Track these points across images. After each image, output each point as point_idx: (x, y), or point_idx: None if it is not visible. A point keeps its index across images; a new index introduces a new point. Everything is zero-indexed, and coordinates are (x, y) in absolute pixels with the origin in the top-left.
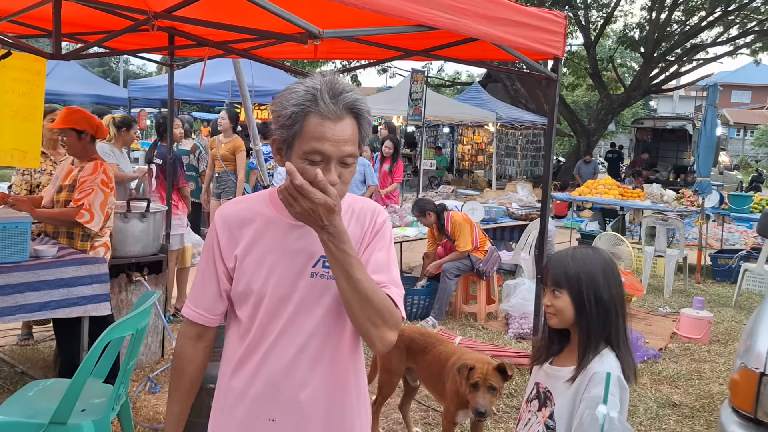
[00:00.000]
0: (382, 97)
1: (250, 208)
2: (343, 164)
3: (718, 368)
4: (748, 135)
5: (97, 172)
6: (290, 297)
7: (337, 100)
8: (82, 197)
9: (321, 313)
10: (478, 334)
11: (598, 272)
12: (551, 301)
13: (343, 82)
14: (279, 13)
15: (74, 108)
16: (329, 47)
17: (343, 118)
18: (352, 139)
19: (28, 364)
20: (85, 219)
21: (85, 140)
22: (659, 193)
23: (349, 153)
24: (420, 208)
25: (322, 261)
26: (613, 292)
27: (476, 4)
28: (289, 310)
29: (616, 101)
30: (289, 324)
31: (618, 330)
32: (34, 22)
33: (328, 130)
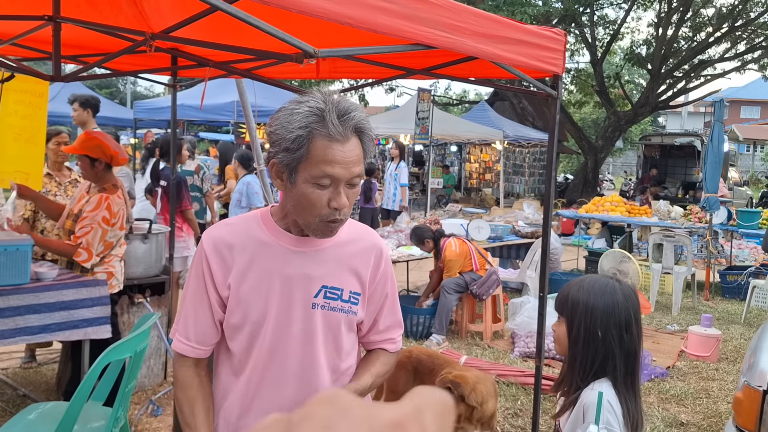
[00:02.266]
0: (390, 116)
1: (241, 231)
2: (351, 185)
3: (726, 386)
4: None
5: (99, 209)
6: (290, 329)
7: (345, 120)
8: (81, 235)
9: (325, 346)
10: (483, 353)
11: (597, 308)
12: (555, 326)
13: (348, 100)
14: (273, 33)
15: (93, 133)
16: (331, 67)
17: (350, 139)
18: (359, 160)
19: (30, 386)
20: (82, 258)
21: (98, 168)
22: (666, 210)
23: (358, 173)
24: (418, 237)
25: (323, 291)
26: (612, 333)
27: (474, 22)
28: (292, 343)
29: (624, 118)
30: (292, 358)
31: (616, 373)
32: (36, 44)
33: (338, 153)
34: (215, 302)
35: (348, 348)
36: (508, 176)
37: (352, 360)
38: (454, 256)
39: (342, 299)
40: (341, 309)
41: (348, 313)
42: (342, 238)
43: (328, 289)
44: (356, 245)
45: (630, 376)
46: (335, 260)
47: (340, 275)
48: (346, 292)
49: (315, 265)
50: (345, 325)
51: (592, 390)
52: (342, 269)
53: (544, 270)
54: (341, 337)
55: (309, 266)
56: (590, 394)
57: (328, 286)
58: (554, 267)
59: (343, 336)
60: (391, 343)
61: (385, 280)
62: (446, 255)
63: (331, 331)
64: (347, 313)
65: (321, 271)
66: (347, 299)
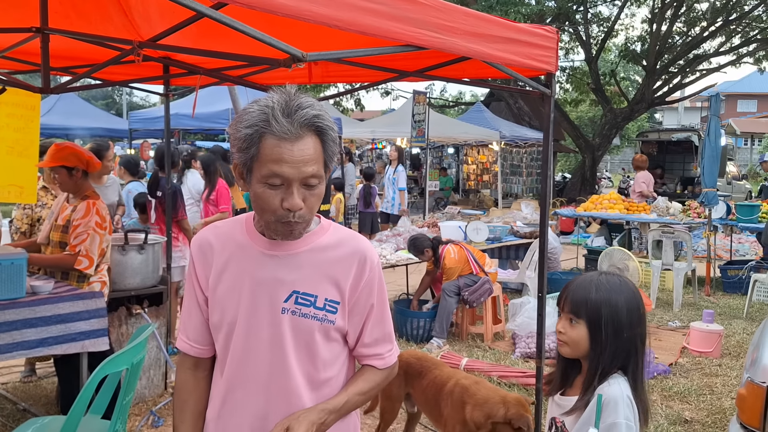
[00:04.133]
0: (386, 120)
1: (224, 234)
2: (307, 186)
3: (730, 382)
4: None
5: (90, 215)
6: (261, 332)
7: (293, 118)
8: (78, 243)
9: (297, 354)
10: (484, 355)
11: (621, 307)
12: (566, 329)
13: (302, 98)
14: (260, 38)
15: (63, 144)
16: (323, 71)
17: (302, 137)
18: (314, 159)
19: (30, 401)
20: (84, 265)
21: (77, 176)
22: (665, 206)
23: (312, 174)
24: (416, 248)
25: (294, 297)
26: (636, 332)
27: (465, 22)
28: (261, 347)
29: (620, 115)
30: (262, 362)
31: (636, 370)
32: (26, 57)
33: (286, 152)
34: (201, 302)
35: (328, 358)
36: (505, 177)
37: (334, 371)
38: (453, 263)
39: (315, 306)
40: (314, 316)
41: (323, 321)
42: (322, 243)
43: (299, 295)
44: (336, 251)
45: (641, 371)
46: (311, 266)
47: (316, 281)
48: (321, 299)
49: (287, 269)
50: (320, 334)
51: (610, 386)
52: (318, 275)
53: (542, 270)
54: (316, 345)
55: (281, 270)
56: (607, 389)
57: (299, 292)
58: (553, 266)
59: (318, 345)
60: (379, 359)
61: (369, 290)
62: (446, 263)
63: (302, 337)
64: (322, 321)
65: (293, 276)
66: (321, 306)
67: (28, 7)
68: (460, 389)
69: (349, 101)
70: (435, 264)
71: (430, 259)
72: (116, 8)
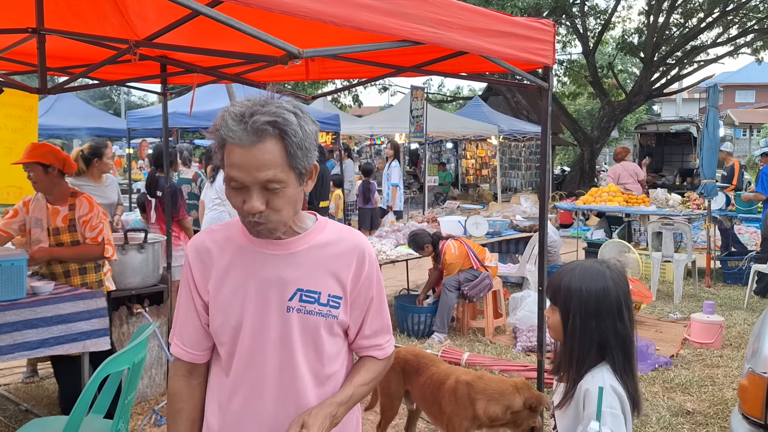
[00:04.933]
0: (384, 116)
1: (222, 238)
2: (269, 190)
3: (731, 373)
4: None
5: (95, 207)
6: (268, 332)
7: (246, 124)
8: (98, 234)
9: (304, 351)
10: (486, 350)
11: (591, 296)
12: (548, 313)
13: (269, 102)
14: (256, 35)
15: (41, 143)
16: (321, 68)
17: (258, 143)
18: (271, 164)
19: (32, 401)
20: (110, 253)
21: (53, 174)
22: (664, 198)
23: (268, 179)
24: (417, 244)
25: (299, 295)
26: (609, 321)
27: (461, 16)
28: (269, 347)
29: (618, 108)
30: (270, 362)
31: (618, 361)
32: (23, 58)
33: (239, 157)
34: (200, 307)
35: (332, 352)
36: (504, 171)
37: (337, 365)
38: (453, 258)
39: (320, 302)
40: (319, 312)
41: (327, 316)
42: (321, 240)
43: (303, 293)
44: (336, 247)
45: (627, 361)
46: (312, 263)
47: (317, 278)
48: (324, 296)
49: (289, 268)
50: (325, 329)
51: (593, 377)
52: (319, 272)
53: (542, 264)
54: (322, 341)
55: (283, 269)
56: (590, 380)
57: (303, 289)
58: (554, 260)
59: (324, 340)
60: (378, 349)
61: (369, 283)
62: (446, 258)
63: (309, 334)
64: (326, 317)
65: (295, 274)
66: (325, 302)
67: (24, 7)
68: (465, 386)
69: (347, 97)
70: (435, 259)
71: (431, 255)
72: (112, 7)
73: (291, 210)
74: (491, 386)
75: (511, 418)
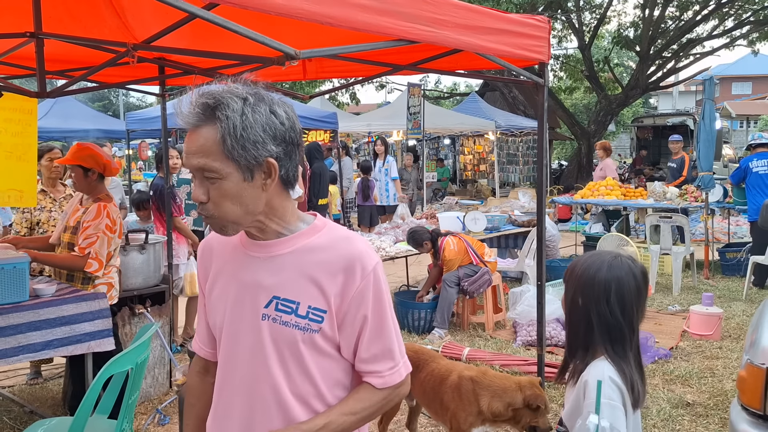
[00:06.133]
0: (381, 113)
1: (226, 237)
2: (207, 179)
3: (731, 364)
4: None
5: (101, 217)
6: (243, 339)
7: (190, 107)
8: (88, 246)
9: (280, 365)
10: (486, 344)
11: (581, 278)
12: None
13: (228, 86)
14: (252, 37)
15: (85, 144)
16: (318, 67)
17: (196, 127)
18: (202, 150)
19: (36, 403)
20: (94, 268)
21: (92, 178)
22: (662, 191)
23: (199, 166)
24: (416, 241)
25: (275, 303)
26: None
27: (456, 15)
28: (244, 355)
29: (615, 101)
30: (239, 370)
31: (619, 352)
32: (22, 61)
33: (185, 141)
34: (207, 306)
35: (324, 372)
36: (502, 166)
37: (340, 391)
38: (453, 255)
39: (297, 314)
40: (296, 325)
41: (306, 330)
42: (309, 245)
43: (279, 301)
44: (323, 254)
45: (620, 345)
46: (293, 269)
47: (298, 287)
48: (303, 307)
49: (268, 272)
50: (306, 345)
51: (594, 369)
52: (300, 280)
53: (540, 258)
54: (303, 357)
55: (261, 273)
56: (591, 372)
57: (280, 298)
58: (552, 254)
59: (306, 357)
60: (376, 377)
61: (361, 300)
62: (446, 255)
63: (285, 347)
64: (304, 331)
65: (273, 280)
66: (304, 314)
67: (22, 12)
68: (469, 381)
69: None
70: (435, 256)
71: (430, 251)
72: (110, 11)
73: (235, 207)
74: (495, 382)
75: (512, 415)
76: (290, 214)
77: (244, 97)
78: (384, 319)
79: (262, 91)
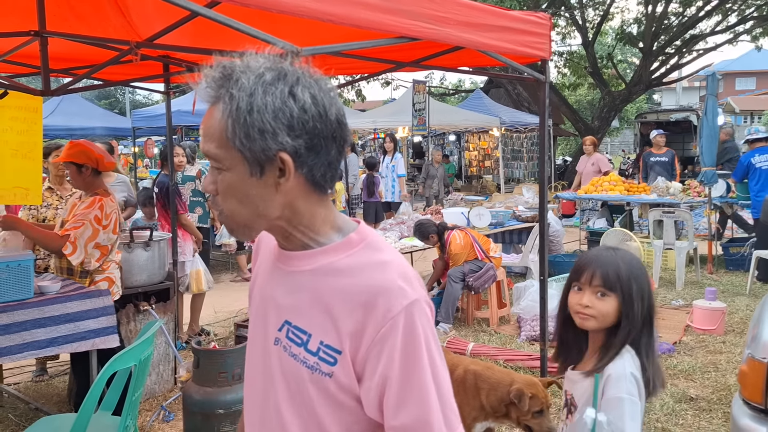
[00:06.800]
0: (387, 110)
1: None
2: (214, 168)
3: (734, 359)
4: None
5: (93, 207)
6: (257, 360)
7: (205, 78)
8: (71, 229)
9: (290, 404)
10: (490, 339)
11: (644, 279)
12: (593, 303)
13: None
14: (254, 34)
15: (77, 141)
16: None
17: (211, 105)
18: (210, 134)
19: (42, 400)
20: (68, 251)
21: (86, 174)
22: (665, 186)
23: (206, 151)
24: (422, 233)
25: (286, 328)
26: (653, 302)
27: (457, 12)
28: (257, 378)
29: (618, 98)
30: (257, 394)
31: (650, 338)
32: (26, 60)
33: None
34: None
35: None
36: (507, 162)
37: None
38: (459, 249)
39: (307, 348)
40: (304, 361)
41: (314, 370)
42: (335, 266)
43: (291, 327)
44: (346, 280)
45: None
46: (310, 292)
47: (311, 315)
48: (315, 341)
49: (285, 289)
50: (315, 386)
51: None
52: (315, 307)
53: (543, 254)
54: (312, 401)
55: (279, 289)
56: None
57: (291, 324)
58: (556, 249)
59: (314, 401)
60: None
61: (383, 348)
62: (452, 249)
63: (293, 383)
64: (313, 370)
65: (288, 300)
66: (314, 351)
67: (26, 10)
68: (473, 375)
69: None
70: (441, 250)
71: (436, 245)
72: (114, 9)
73: (241, 206)
74: (494, 376)
75: (506, 411)
76: (321, 222)
77: (260, 72)
78: (418, 377)
79: (289, 67)
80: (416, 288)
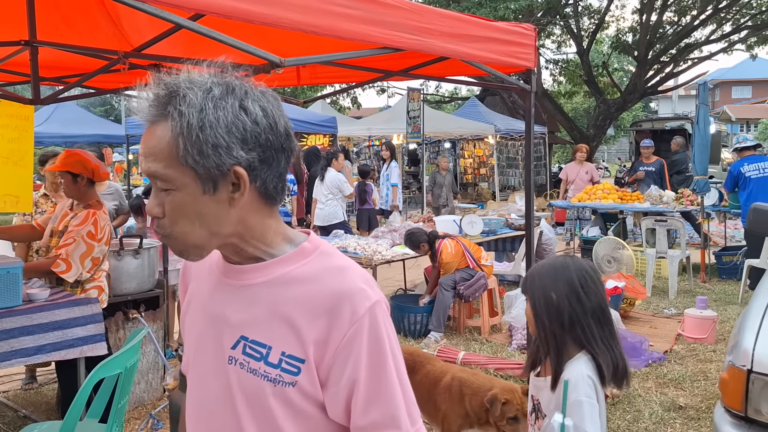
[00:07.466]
0: (382, 117)
1: None
2: (162, 190)
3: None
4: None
5: (86, 223)
6: (209, 384)
7: (146, 97)
8: (62, 247)
9: (254, 420)
10: (481, 348)
11: (561, 281)
12: (527, 308)
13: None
14: (238, 46)
15: (73, 150)
16: (311, 73)
17: (151, 124)
18: (154, 153)
19: (31, 408)
20: (61, 269)
21: (81, 184)
22: (658, 194)
23: (152, 172)
24: (413, 242)
25: (242, 344)
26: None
27: (441, 23)
28: (211, 404)
29: (613, 106)
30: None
31: (591, 336)
32: (18, 68)
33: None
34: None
35: None
36: (502, 170)
37: None
38: (450, 258)
39: (267, 361)
40: (265, 375)
41: (277, 382)
42: (290, 275)
43: (248, 343)
44: (305, 288)
45: (600, 329)
46: (266, 304)
47: (270, 328)
48: (276, 353)
49: (237, 305)
50: (277, 400)
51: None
52: (273, 319)
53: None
54: (273, 415)
55: (230, 306)
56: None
57: (248, 339)
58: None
59: (277, 415)
60: None
61: (350, 351)
62: (443, 258)
63: (255, 401)
64: (275, 383)
65: (242, 316)
66: (276, 363)
67: (17, 20)
68: (458, 382)
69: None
70: (432, 258)
71: (427, 253)
72: (105, 19)
73: (194, 226)
74: (477, 382)
75: (487, 417)
76: (272, 234)
77: (207, 87)
78: (385, 377)
79: (235, 82)
80: (375, 289)
